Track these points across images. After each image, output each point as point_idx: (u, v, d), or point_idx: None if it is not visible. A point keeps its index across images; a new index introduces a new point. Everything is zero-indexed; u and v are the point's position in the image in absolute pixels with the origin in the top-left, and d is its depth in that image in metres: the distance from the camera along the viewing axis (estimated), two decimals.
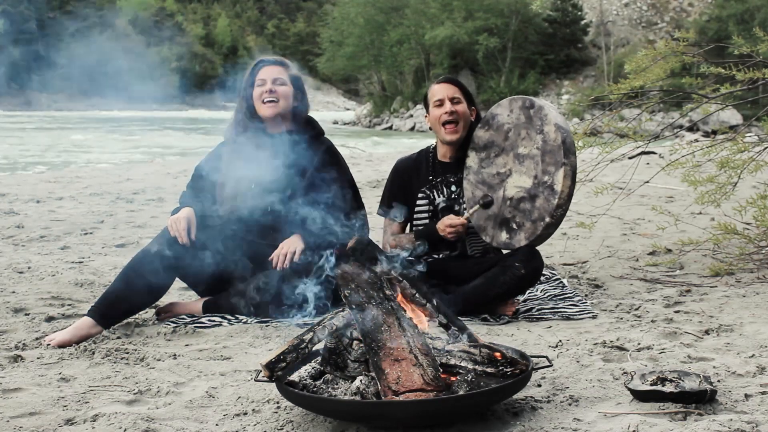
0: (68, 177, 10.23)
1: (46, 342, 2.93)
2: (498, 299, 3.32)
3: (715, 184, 4.39)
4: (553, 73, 42.61)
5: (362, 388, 2.06)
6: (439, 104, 3.46)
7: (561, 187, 3.16)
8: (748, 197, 4.46)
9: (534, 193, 3.25)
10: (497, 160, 3.42)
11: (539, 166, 3.25)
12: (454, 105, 3.46)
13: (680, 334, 2.92)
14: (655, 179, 5.58)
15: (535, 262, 3.31)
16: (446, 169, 3.59)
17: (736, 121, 26.17)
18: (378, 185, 8.81)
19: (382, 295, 2.24)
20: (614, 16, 47.67)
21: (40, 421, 2.15)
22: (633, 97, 4.68)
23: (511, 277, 3.26)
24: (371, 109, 44.53)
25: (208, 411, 2.23)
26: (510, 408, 2.16)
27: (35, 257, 4.65)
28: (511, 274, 3.26)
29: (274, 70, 3.45)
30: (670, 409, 2.06)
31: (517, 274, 3.26)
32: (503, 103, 3.49)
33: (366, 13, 44.19)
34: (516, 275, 3.26)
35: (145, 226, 6.03)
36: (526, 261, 3.27)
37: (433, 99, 3.48)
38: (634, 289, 3.83)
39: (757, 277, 3.95)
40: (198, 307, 3.39)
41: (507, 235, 3.34)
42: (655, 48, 4.45)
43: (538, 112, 3.30)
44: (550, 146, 3.21)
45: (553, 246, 5.01)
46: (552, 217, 3.19)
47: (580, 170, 4.48)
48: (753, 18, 33.49)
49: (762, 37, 4.21)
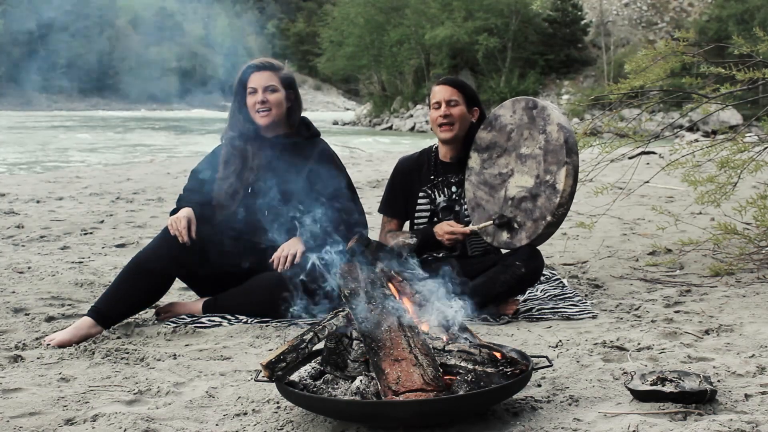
0: (68, 177, 10.23)
1: (46, 342, 2.93)
2: (499, 298, 3.33)
3: (715, 184, 4.39)
4: (553, 73, 42.59)
5: (362, 388, 2.06)
6: (437, 106, 3.49)
7: (563, 186, 3.16)
8: (748, 197, 4.46)
9: (536, 193, 3.25)
10: (499, 161, 3.42)
11: (541, 165, 3.25)
12: (450, 107, 3.47)
13: (680, 334, 2.92)
14: (655, 179, 5.58)
15: (536, 262, 3.32)
16: (447, 169, 3.60)
17: (736, 121, 26.16)
18: (378, 185, 8.81)
19: (382, 295, 2.24)
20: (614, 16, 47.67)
21: (40, 421, 2.15)
22: (633, 97, 4.68)
23: (512, 276, 3.26)
24: (371, 109, 44.54)
25: (208, 411, 2.23)
26: (510, 408, 2.16)
27: (35, 257, 4.65)
28: (512, 273, 3.26)
29: (264, 77, 3.42)
30: (670, 409, 2.06)
31: (518, 273, 3.26)
32: (506, 104, 3.50)
33: (366, 13, 44.18)
34: (517, 274, 3.26)
35: (145, 226, 6.03)
36: (527, 260, 3.27)
37: (432, 100, 3.52)
38: (634, 289, 3.83)
39: (757, 277, 3.95)
40: (198, 307, 3.39)
41: (508, 235, 3.34)
42: (655, 48, 4.45)
43: (541, 113, 3.31)
44: (553, 146, 3.22)
45: (553, 246, 5.01)
46: (553, 216, 3.19)
47: (580, 170, 4.49)
48: (753, 18, 33.47)
49: (762, 37, 4.21)
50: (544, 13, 42.20)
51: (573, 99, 32.69)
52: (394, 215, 3.66)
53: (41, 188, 8.70)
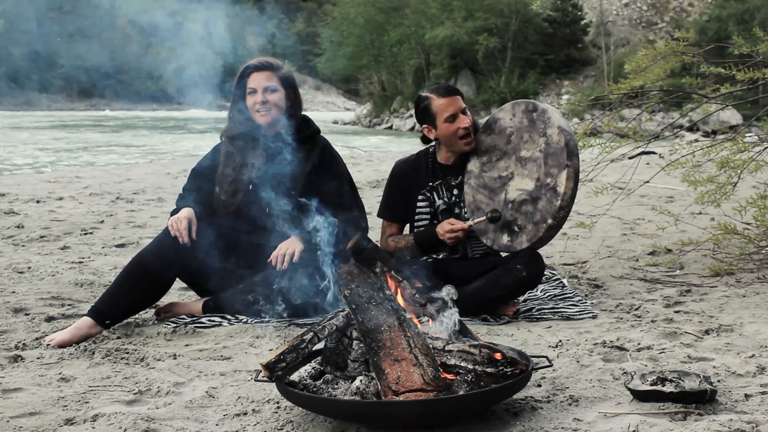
0: (68, 177, 10.22)
1: (46, 342, 2.93)
2: (499, 301, 3.32)
3: (715, 184, 4.39)
4: (553, 73, 42.57)
5: (362, 388, 2.06)
6: (453, 119, 3.38)
7: (564, 188, 3.16)
8: (748, 197, 4.46)
9: (536, 196, 3.25)
10: (499, 164, 3.41)
11: (542, 168, 3.24)
12: (467, 116, 3.41)
13: (680, 334, 2.92)
14: (655, 179, 5.58)
15: (537, 265, 3.31)
16: (447, 172, 3.57)
17: (736, 121, 26.14)
18: (378, 185, 8.81)
19: (382, 295, 2.24)
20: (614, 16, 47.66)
21: (40, 421, 2.15)
22: (633, 97, 4.68)
23: (513, 279, 3.26)
24: (371, 109, 44.52)
25: (208, 411, 2.23)
26: (510, 408, 2.16)
27: (35, 257, 4.65)
28: (513, 276, 3.26)
29: (263, 77, 3.41)
30: (670, 409, 2.06)
31: (519, 276, 3.25)
32: (506, 107, 3.49)
33: (366, 13, 44.16)
34: (518, 278, 3.25)
35: (145, 226, 6.03)
36: (528, 263, 3.27)
37: (444, 114, 3.38)
38: (634, 289, 3.83)
39: (757, 277, 3.95)
40: (198, 307, 3.39)
41: (508, 238, 3.34)
42: (655, 48, 4.45)
43: (542, 116, 3.31)
44: (553, 149, 3.22)
45: (553, 246, 5.01)
46: (554, 219, 3.19)
47: (580, 170, 4.49)
48: (753, 18, 33.46)
49: (762, 37, 4.21)
50: (544, 13, 42.18)
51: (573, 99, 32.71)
52: (394, 219, 3.62)
53: (41, 188, 8.69)
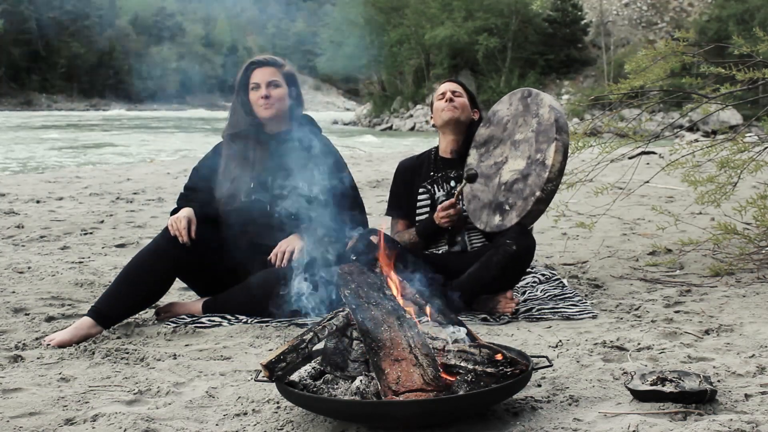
0: (68, 177, 10.22)
1: (46, 342, 2.93)
2: (494, 284, 3.30)
3: (715, 184, 4.39)
4: (553, 73, 42.61)
5: (362, 388, 2.06)
6: (441, 97, 3.66)
7: (552, 161, 3.19)
8: (748, 197, 4.46)
9: (527, 173, 3.29)
10: (495, 152, 3.50)
11: (533, 146, 3.31)
12: (455, 96, 3.64)
13: (680, 334, 2.92)
14: (655, 179, 5.58)
15: (527, 240, 3.30)
16: (447, 165, 3.67)
17: (736, 121, 26.17)
18: (378, 185, 8.81)
19: (382, 295, 2.24)
20: (614, 16, 47.67)
21: (40, 421, 2.15)
22: (633, 97, 4.68)
23: (503, 255, 3.24)
24: (371, 109, 44.56)
25: (208, 411, 2.23)
26: (510, 408, 2.16)
27: (35, 257, 4.65)
28: (503, 252, 3.24)
29: (267, 72, 3.43)
30: (670, 409, 2.06)
31: (509, 251, 3.23)
32: (503, 99, 3.64)
33: (366, 13, 44.22)
34: (509, 253, 3.23)
35: (145, 226, 6.03)
36: (517, 237, 3.25)
37: (437, 94, 3.69)
38: (634, 289, 3.83)
39: (757, 277, 3.95)
40: (198, 307, 3.39)
41: (500, 218, 3.35)
42: (655, 48, 4.45)
43: (535, 98, 3.41)
44: (544, 126, 3.28)
45: (553, 246, 5.02)
46: (542, 191, 3.20)
47: (580, 170, 4.49)
48: (753, 18, 33.49)
49: (762, 37, 4.21)
50: (544, 13, 42.21)
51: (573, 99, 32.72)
52: (401, 216, 3.69)
53: (41, 188, 8.70)
